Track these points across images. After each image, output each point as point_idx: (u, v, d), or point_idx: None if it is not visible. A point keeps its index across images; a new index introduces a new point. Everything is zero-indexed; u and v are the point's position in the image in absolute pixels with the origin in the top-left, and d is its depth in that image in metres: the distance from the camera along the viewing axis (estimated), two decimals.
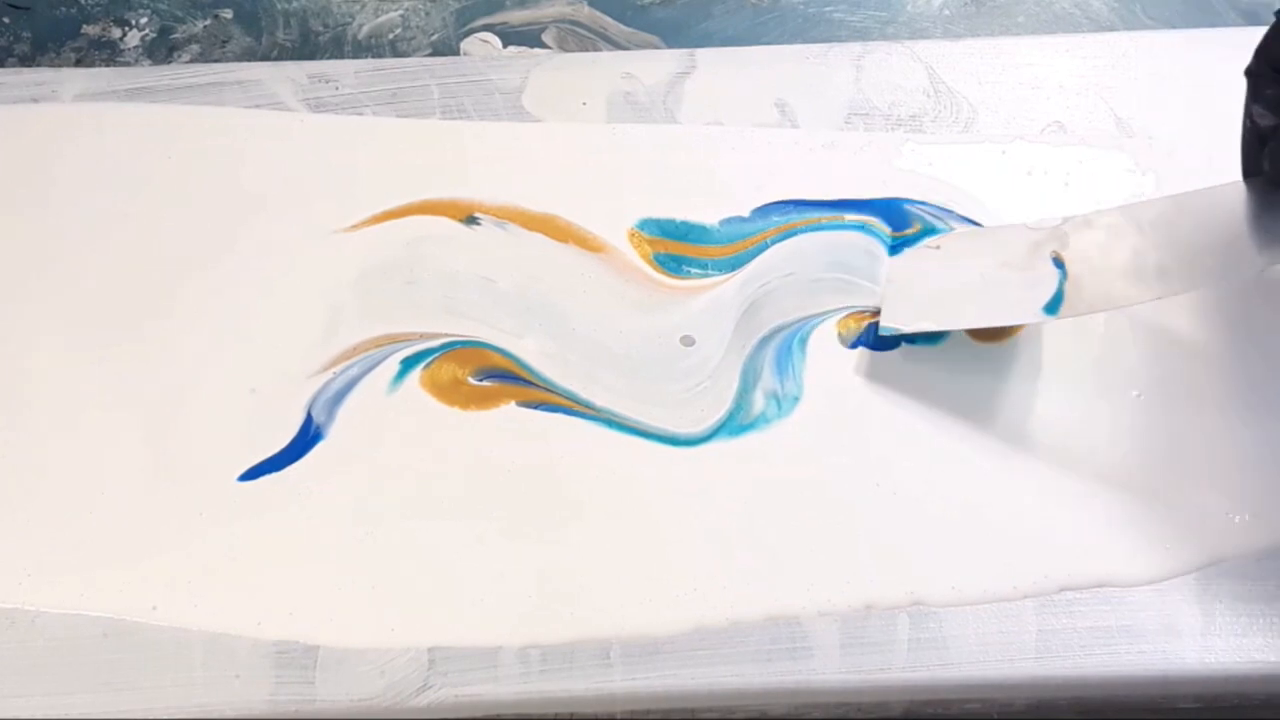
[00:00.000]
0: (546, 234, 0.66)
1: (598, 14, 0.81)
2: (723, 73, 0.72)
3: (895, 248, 0.65)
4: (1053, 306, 0.59)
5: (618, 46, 0.80)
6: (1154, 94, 0.71)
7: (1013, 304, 0.61)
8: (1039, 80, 0.72)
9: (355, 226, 0.67)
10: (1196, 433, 0.60)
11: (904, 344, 0.63)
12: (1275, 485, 0.59)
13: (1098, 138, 0.69)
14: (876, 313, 0.64)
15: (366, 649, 0.56)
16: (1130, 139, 0.69)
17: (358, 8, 0.82)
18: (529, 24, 0.81)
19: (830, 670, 0.55)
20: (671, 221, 0.67)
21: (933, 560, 0.57)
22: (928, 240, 0.65)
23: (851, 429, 0.61)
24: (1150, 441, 0.60)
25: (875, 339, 0.63)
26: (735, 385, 0.62)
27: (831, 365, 0.62)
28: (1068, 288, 0.60)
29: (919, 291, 0.63)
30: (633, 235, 0.66)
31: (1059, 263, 0.61)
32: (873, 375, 0.62)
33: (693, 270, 0.65)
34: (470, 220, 0.67)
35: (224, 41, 0.80)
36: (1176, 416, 0.61)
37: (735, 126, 0.70)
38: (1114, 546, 0.57)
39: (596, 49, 0.80)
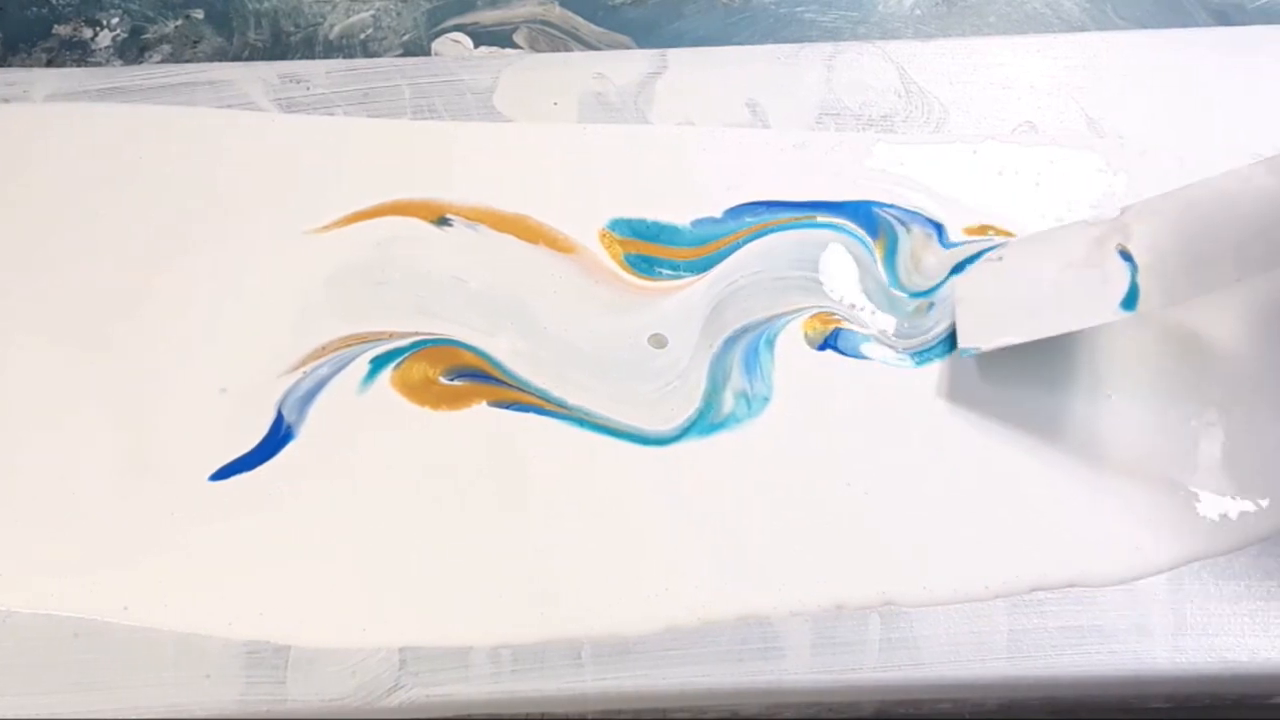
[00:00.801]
0: (517, 235, 0.66)
1: (569, 14, 0.81)
2: (694, 73, 0.72)
3: (958, 266, 0.65)
4: (1130, 302, 0.57)
5: (589, 46, 0.80)
6: (1125, 94, 0.71)
7: (1088, 305, 0.59)
8: (1010, 80, 0.72)
9: (326, 227, 0.66)
10: (1167, 433, 0.60)
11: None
12: (1246, 485, 0.59)
13: (1069, 138, 0.69)
14: (835, 317, 0.64)
15: (338, 649, 0.56)
16: (1101, 139, 0.69)
17: (329, 8, 0.82)
18: (500, 24, 0.81)
19: (802, 670, 0.55)
20: (643, 222, 0.66)
21: (904, 560, 0.57)
22: (989, 254, 0.64)
23: (822, 429, 0.61)
24: (1121, 442, 0.60)
25: (923, 356, 0.62)
26: (704, 385, 0.62)
27: (801, 366, 0.62)
28: (1141, 280, 0.57)
29: (990, 307, 0.62)
30: (604, 236, 0.66)
31: (1126, 255, 0.58)
32: (842, 376, 0.62)
33: (664, 271, 0.65)
34: (441, 221, 0.67)
35: (195, 42, 0.80)
36: (1147, 417, 0.61)
37: (707, 126, 0.70)
38: (1085, 546, 0.58)
39: (568, 49, 0.80)
